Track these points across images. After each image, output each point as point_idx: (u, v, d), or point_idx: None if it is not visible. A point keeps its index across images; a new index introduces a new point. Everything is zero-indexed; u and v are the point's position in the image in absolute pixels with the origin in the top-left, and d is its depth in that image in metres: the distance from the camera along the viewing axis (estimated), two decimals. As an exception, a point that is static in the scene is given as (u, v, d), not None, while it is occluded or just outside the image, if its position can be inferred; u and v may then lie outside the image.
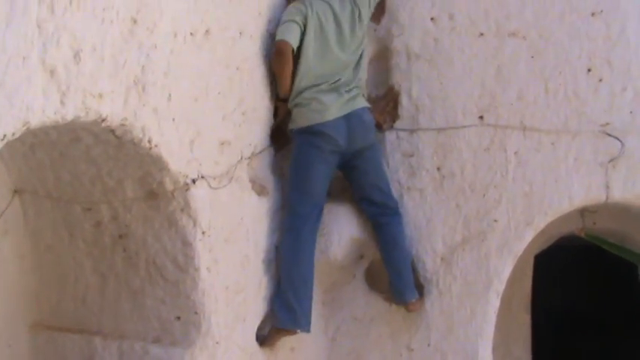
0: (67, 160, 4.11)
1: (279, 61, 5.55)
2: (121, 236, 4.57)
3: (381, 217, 5.75)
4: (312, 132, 5.58)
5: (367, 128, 5.73)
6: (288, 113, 5.70)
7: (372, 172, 5.79)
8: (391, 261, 5.72)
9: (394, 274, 5.71)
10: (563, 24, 5.71)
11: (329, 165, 5.66)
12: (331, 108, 5.57)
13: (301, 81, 5.63)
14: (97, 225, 4.57)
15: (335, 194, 5.83)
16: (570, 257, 7.96)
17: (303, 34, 5.65)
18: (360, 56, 5.87)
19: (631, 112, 5.55)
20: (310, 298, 5.53)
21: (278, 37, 5.55)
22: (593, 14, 5.69)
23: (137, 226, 4.48)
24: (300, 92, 5.62)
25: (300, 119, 5.63)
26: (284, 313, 5.41)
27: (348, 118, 5.61)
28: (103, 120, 3.44)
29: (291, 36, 5.56)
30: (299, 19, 5.63)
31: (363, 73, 5.90)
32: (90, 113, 3.30)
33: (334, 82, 5.65)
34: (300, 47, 5.64)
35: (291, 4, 5.81)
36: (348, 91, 5.67)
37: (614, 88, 5.59)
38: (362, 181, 5.80)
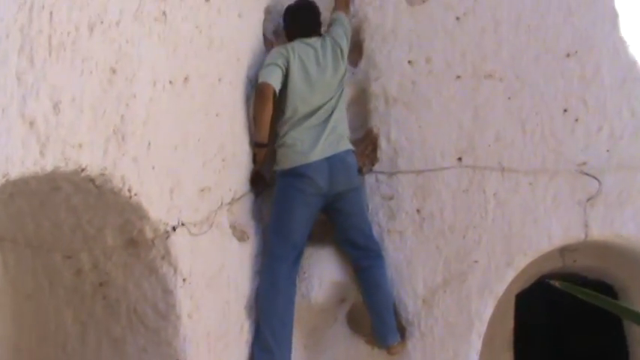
0: (47, 209, 4.09)
1: (260, 103, 5.58)
2: (101, 284, 4.54)
3: (363, 260, 5.74)
4: (295, 174, 5.60)
5: (350, 171, 5.75)
6: (270, 156, 5.73)
7: (355, 215, 5.80)
8: (373, 304, 5.70)
9: (376, 318, 5.69)
10: (539, 65, 5.78)
11: (311, 208, 5.66)
12: (314, 149, 5.60)
13: (285, 122, 5.69)
14: (77, 273, 4.54)
15: (315, 237, 5.83)
16: (553, 294, 7.96)
17: (286, 76, 5.70)
18: (341, 93, 5.93)
19: (607, 151, 5.60)
20: (289, 341, 5.53)
21: (260, 80, 5.60)
22: (568, 55, 5.77)
23: (117, 274, 4.46)
24: (285, 133, 5.67)
25: (283, 160, 5.66)
26: (263, 356, 5.39)
27: (330, 160, 5.64)
28: (83, 170, 3.43)
29: (272, 78, 5.60)
30: (281, 62, 5.69)
31: (345, 113, 5.95)
32: (69, 163, 3.29)
33: (319, 123, 5.70)
34: (283, 89, 5.69)
35: (274, 49, 5.86)
36: (332, 133, 5.71)
37: (590, 127, 5.65)
38: (345, 223, 5.80)
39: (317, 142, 5.63)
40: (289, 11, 6.14)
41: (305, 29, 6.03)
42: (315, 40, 5.95)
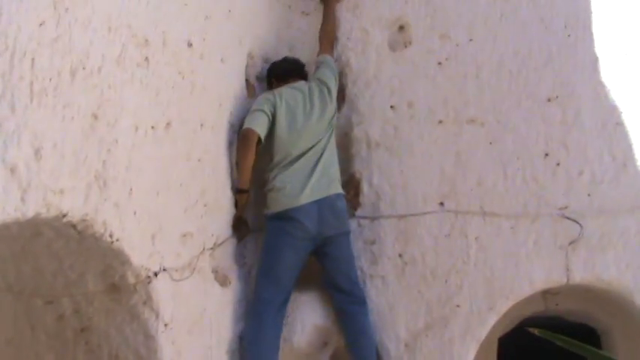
0: (29, 254, 4.08)
1: (243, 149, 5.59)
2: (83, 329, 4.52)
3: (348, 305, 5.72)
4: (284, 217, 5.59)
5: (339, 215, 5.73)
6: (254, 201, 5.73)
7: (342, 260, 5.78)
8: (356, 350, 5.67)
9: None
10: (520, 110, 5.82)
11: (300, 252, 5.64)
12: (304, 192, 5.60)
13: (275, 166, 5.72)
14: (58, 318, 4.51)
15: (298, 281, 5.81)
16: (535, 338, 7.94)
17: (273, 122, 5.73)
18: (331, 134, 5.95)
19: (589, 195, 5.62)
20: None
21: (244, 126, 5.62)
22: (548, 100, 5.80)
23: (99, 320, 4.44)
24: (274, 177, 5.69)
25: (273, 204, 5.67)
26: None
27: (320, 203, 5.63)
28: (64, 215, 3.42)
29: (257, 124, 5.62)
30: (267, 108, 5.71)
31: (335, 154, 5.95)
32: (51, 209, 3.29)
33: (308, 165, 5.71)
34: (270, 134, 5.72)
35: (261, 95, 5.88)
36: (323, 175, 5.72)
37: (571, 171, 5.67)
38: (332, 268, 5.78)
39: (306, 184, 5.63)
40: (274, 65, 6.21)
41: (291, 74, 6.06)
42: (302, 84, 5.99)
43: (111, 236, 3.82)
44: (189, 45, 4.80)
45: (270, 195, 5.70)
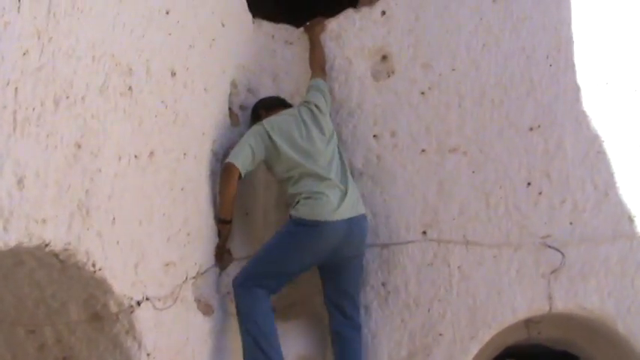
0: (10, 283, 4.05)
1: (224, 182, 5.58)
2: (65, 358, 4.49)
3: (346, 328, 5.70)
4: (311, 225, 5.53)
5: (363, 237, 5.74)
6: (242, 229, 5.75)
7: (351, 282, 5.76)
8: None
9: None
10: (502, 139, 5.85)
11: (310, 260, 5.65)
12: (339, 209, 5.55)
13: (298, 179, 5.69)
14: (40, 347, 4.49)
15: (280, 311, 5.81)
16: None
17: (274, 146, 5.72)
18: (339, 151, 5.93)
19: (571, 224, 5.65)
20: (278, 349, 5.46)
21: (228, 159, 5.60)
22: (531, 129, 5.84)
23: (81, 349, 4.41)
24: (305, 185, 5.65)
25: (304, 210, 5.57)
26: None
27: (350, 222, 5.60)
28: (47, 245, 3.41)
29: (239, 158, 5.59)
30: (253, 141, 5.70)
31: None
32: (33, 239, 3.28)
33: (341, 183, 5.69)
34: (278, 156, 5.74)
35: (251, 128, 5.88)
36: (352, 194, 5.69)
37: (554, 200, 5.70)
38: (340, 288, 5.74)
39: (343, 200, 5.59)
40: (261, 100, 6.23)
41: (279, 105, 6.07)
42: (290, 110, 5.99)
43: (93, 265, 3.81)
44: (173, 74, 4.80)
45: (302, 201, 5.60)
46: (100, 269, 3.86)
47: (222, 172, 5.62)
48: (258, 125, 5.86)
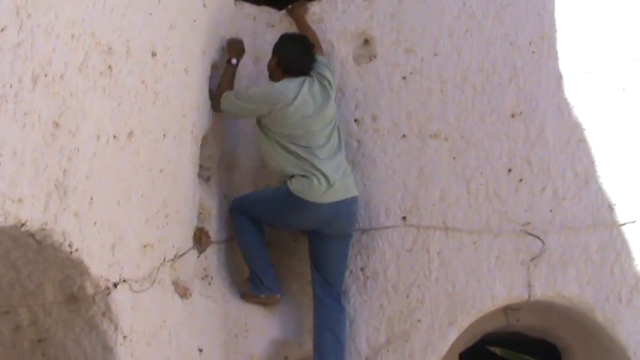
0: (-15, 263, 4.03)
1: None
2: (40, 340, 4.45)
3: (327, 296, 5.76)
4: (301, 201, 5.64)
5: (351, 220, 5.80)
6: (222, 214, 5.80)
7: (338, 258, 5.83)
8: (321, 345, 5.70)
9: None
10: (484, 125, 5.85)
11: (298, 227, 5.92)
12: (329, 192, 5.63)
13: (293, 153, 5.74)
14: (15, 329, 4.44)
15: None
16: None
17: (282, 114, 5.76)
18: (339, 130, 5.93)
19: (551, 211, 5.67)
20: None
21: (226, 94, 5.88)
22: (512, 115, 5.85)
23: (57, 331, 4.37)
24: (295, 166, 5.72)
25: (294, 187, 5.67)
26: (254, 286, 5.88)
27: (339, 205, 5.68)
28: (23, 225, 3.36)
29: (230, 107, 5.86)
30: (261, 101, 5.84)
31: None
32: (9, 218, 3.23)
33: (334, 163, 5.72)
34: (284, 122, 5.78)
35: (264, 87, 6.03)
36: (345, 175, 5.75)
37: (534, 187, 5.72)
38: (326, 259, 5.83)
39: (333, 182, 5.64)
40: (290, 43, 6.09)
41: (300, 72, 5.99)
42: (303, 79, 5.92)
43: (70, 246, 3.76)
44: (154, 54, 4.75)
45: (297, 177, 5.68)
46: (76, 250, 3.81)
47: (216, 98, 5.90)
48: (269, 88, 5.92)
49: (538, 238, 5.61)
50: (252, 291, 5.86)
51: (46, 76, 3.43)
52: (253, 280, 5.87)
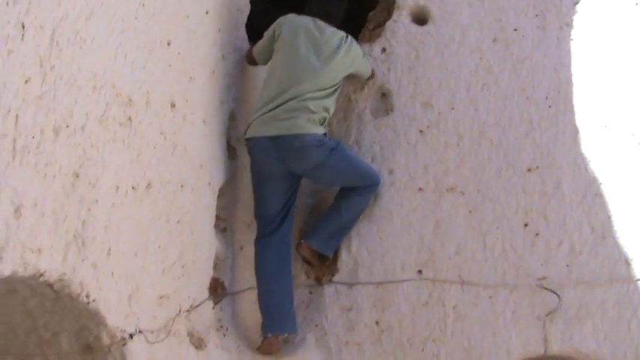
0: (2, 311, 4.01)
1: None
2: (54, 390, 4.46)
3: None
4: (249, 146, 5.86)
5: (300, 154, 5.78)
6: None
7: (338, 178, 6.03)
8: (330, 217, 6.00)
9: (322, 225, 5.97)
10: (500, 179, 5.85)
11: (276, 184, 5.89)
12: (266, 124, 5.75)
13: (262, 94, 5.89)
14: (30, 378, 4.46)
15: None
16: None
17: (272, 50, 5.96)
18: (335, 90, 5.95)
19: (567, 266, 5.63)
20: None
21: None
22: (529, 170, 5.84)
23: (72, 380, 4.38)
24: (260, 106, 5.84)
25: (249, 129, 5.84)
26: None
27: (275, 140, 5.74)
28: (41, 275, 3.38)
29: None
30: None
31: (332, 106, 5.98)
32: (28, 268, 3.25)
33: (292, 99, 5.76)
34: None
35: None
36: (300, 112, 5.75)
37: (551, 242, 5.69)
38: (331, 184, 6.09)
39: (270, 118, 5.80)
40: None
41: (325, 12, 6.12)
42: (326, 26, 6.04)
43: (87, 297, 3.77)
44: (173, 105, 4.80)
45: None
46: (93, 300, 3.83)
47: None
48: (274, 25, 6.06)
49: (554, 292, 5.57)
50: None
51: (67, 127, 3.47)
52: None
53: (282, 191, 5.85)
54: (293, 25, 5.93)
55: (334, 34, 5.95)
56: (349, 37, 6.02)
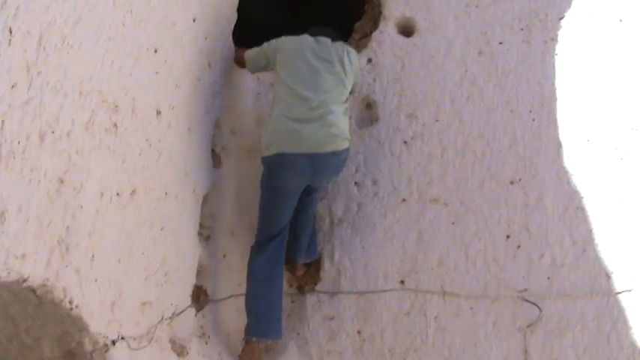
0: (-17, 316, 4.03)
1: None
2: (35, 396, 4.45)
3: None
4: (273, 162, 5.68)
5: (336, 171, 5.87)
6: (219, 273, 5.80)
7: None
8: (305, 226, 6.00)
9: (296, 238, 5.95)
10: (483, 191, 5.88)
11: (292, 199, 5.81)
12: (299, 140, 5.59)
13: (281, 108, 5.69)
14: (11, 383, 4.45)
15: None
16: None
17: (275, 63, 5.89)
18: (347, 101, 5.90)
19: (548, 278, 5.66)
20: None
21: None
22: (512, 182, 5.87)
23: (53, 386, 4.37)
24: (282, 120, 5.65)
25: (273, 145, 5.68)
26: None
27: (312, 157, 5.61)
28: (25, 280, 3.37)
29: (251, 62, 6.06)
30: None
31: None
32: (12, 274, 3.23)
33: (321, 115, 5.63)
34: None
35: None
36: (333, 128, 5.66)
37: (532, 254, 5.72)
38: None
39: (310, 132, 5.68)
40: None
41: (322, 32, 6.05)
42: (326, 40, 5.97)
43: (70, 302, 3.77)
44: (158, 113, 4.79)
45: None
46: (76, 306, 3.82)
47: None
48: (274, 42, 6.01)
49: (535, 305, 5.60)
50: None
51: (53, 132, 3.47)
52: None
53: (294, 204, 5.81)
54: (293, 42, 5.87)
55: (336, 46, 5.90)
56: (345, 45, 6.02)
